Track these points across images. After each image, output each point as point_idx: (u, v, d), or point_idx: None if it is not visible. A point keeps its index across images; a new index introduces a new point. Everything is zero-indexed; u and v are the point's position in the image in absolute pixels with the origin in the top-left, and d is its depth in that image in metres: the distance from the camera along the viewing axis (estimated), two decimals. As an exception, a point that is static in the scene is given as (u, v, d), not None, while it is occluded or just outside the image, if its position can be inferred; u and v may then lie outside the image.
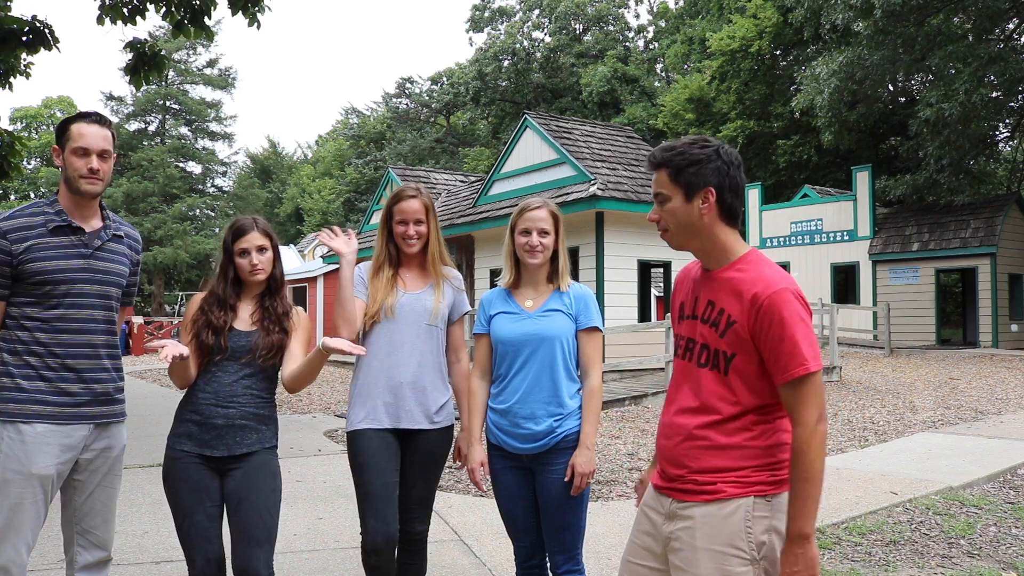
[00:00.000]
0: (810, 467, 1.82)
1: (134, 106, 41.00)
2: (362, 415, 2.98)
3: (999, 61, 18.64)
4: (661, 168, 2.01)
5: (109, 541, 2.73)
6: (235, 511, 2.71)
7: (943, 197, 20.71)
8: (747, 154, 30.11)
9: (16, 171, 8.79)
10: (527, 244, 2.84)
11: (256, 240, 2.82)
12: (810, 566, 1.82)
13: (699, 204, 1.97)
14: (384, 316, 2.99)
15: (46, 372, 2.54)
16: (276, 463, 2.84)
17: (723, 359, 1.94)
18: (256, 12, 7.91)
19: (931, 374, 13.78)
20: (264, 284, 2.89)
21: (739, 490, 1.89)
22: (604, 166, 13.62)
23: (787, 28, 26.27)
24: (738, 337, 1.91)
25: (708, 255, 2.03)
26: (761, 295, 1.88)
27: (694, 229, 1.99)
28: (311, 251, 35.43)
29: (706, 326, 1.99)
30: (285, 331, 2.86)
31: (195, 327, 2.77)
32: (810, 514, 1.83)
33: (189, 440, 2.72)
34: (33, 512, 2.51)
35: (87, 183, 2.59)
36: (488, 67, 41.86)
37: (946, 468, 6.32)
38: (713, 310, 1.97)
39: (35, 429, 2.50)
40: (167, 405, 10.46)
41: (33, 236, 2.54)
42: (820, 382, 1.87)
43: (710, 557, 1.88)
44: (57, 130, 2.66)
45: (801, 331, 1.85)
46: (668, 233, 2.04)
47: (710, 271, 2.04)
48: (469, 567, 4.10)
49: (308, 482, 6.04)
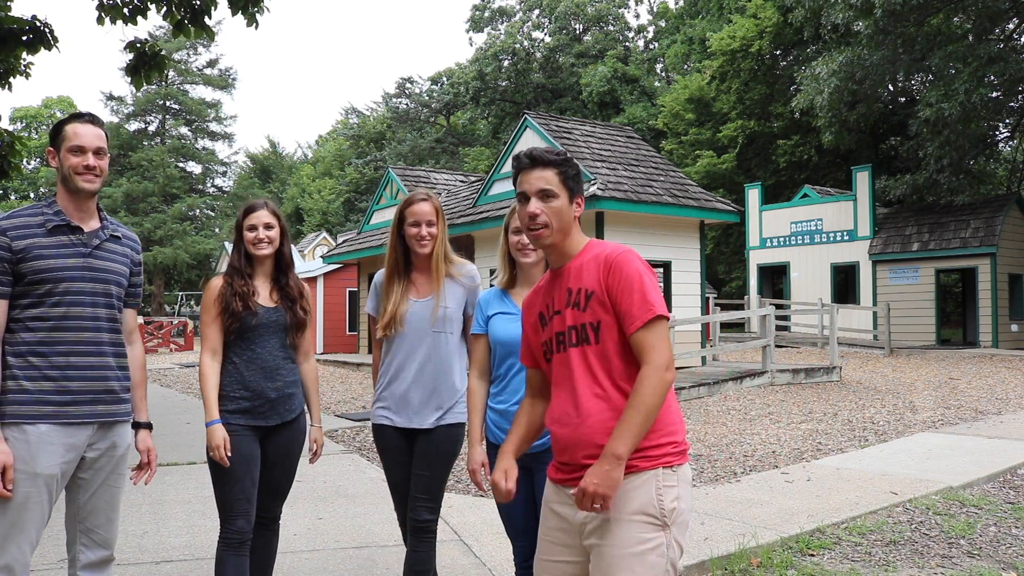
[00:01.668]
0: (643, 400, 1.96)
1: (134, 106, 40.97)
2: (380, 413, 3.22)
3: (999, 61, 18.64)
4: (551, 167, 2.18)
5: (112, 540, 2.74)
6: (270, 471, 3.14)
7: (943, 197, 20.71)
8: (747, 154, 30.13)
9: (16, 171, 8.78)
10: (519, 243, 2.87)
11: (264, 217, 3.11)
12: (610, 486, 1.95)
13: (575, 207, 2.20)
14: (395, 330, 3.14)
15: (50, 371, 2.55)
16: (306, 422, 3.26)
17: (591, 330, 2.09)
18: (255, 12, 7.90)
19: (931, 374, 13.78)
20: (272, 261, 3.16)
21: (648, 463, 2.03)
22: (604, 166, 13.62)
23: (787, 28, 26.28)
24: (599, 303, 2.08)
25: (565, 252, 2.19)
26: (611, 256, 2.10)
27: (568, 228, 2.18)
28: (311, 251, 35.40)
29: (570, 309, 2.14)
30: (306, 309, 3.20)
31: (222, 300, 3.04)
32: (629, 439, 1.96)
33: (243, 415, 3.03)
34: (38, 512, 2.52)
35: (83, 180, 2.62)
36: (488, 67, 41.86)
37: (946, 468, 6.32)
38: (572, 294, 2.14)
39: (39, 430, 2.51)
40: (167, 405, 10.47)
41: (32, 235, 2.56)
42: (667, 329, 2.05)
43: (625, 526, 2.01)
44: (51, 133, 2.71)
45: (648, 283, 2.06)
46: (547, 229, 2.15)
47: (560, 268, 2.20)
48: (469, 567, 4.10)
49: (308, 482, 6.04)
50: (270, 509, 3.20)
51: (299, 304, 3.16)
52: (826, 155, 28.45)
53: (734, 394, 11.31)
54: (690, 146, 31.61)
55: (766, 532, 4.59)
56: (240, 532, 2.99)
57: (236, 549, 2.99)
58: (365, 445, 7.67)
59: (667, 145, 32.87)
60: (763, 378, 12.24)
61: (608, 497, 1.96)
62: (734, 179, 29.55)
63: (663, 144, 33.25)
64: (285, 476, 3.20)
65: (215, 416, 2.97)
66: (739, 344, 14.25)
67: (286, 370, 3.12)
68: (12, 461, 2.46)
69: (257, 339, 3.06)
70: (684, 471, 2.09)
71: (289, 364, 3.15)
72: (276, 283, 3.17)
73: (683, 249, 13.92)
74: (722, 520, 4.87)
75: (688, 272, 13.97)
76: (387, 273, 3.18)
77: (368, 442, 7.76)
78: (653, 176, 14.12)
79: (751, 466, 6.68)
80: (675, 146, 32.45)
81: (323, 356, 19.80)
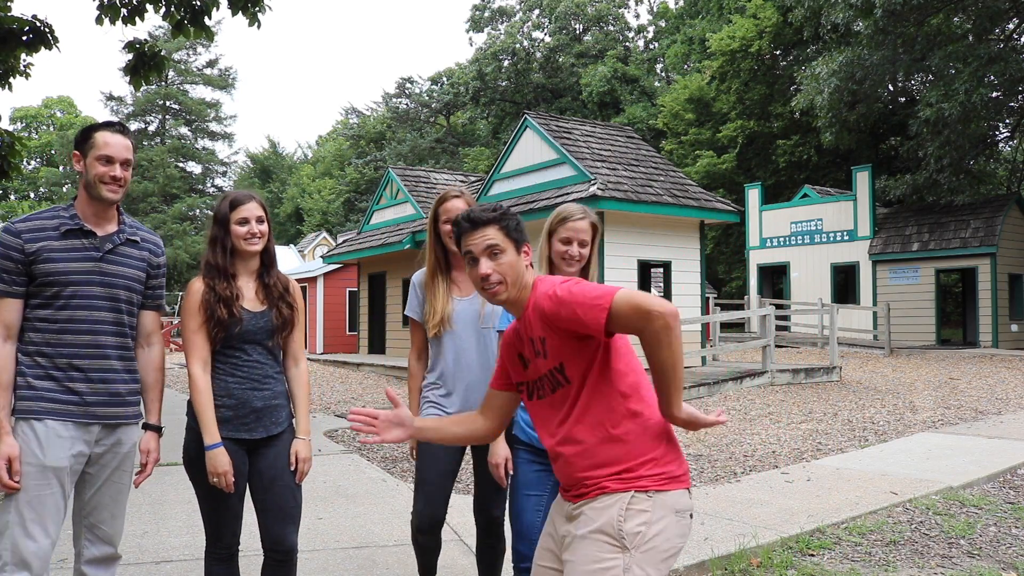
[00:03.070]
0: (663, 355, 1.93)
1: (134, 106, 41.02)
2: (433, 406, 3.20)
3: (999, 61, 18.64)
4: (492, 225, 2.16)
5: (117, 537, 2.78)
6: (268, 489, 2.83)
7: (943, 197, 20.70)
8: (747, 154, 30.13)
9: (16, 171, 8.78)
10: (567, 253, 2.88)
11: (255, 210, 2.86)
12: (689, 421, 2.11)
13: (523, 257, 2.19)
14: (444, 328, 3.16)
15: (54, 372, 2.62)
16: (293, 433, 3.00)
17: (559, 374, 2.10)
18: (256, 12, 7.89)
19: (931, 374, 13.78)
20: (259, 259, 2.92)
21: (620, 485, 2.04)
22: (604, 166, 13.62)
23: (787, 28, 26.28)
24: (557, 348, 2.07)
25: (520, 302, 2.19)
26: (539, 304, 2.08)
27: (521, 280, 2.17)
28: (311, 251, 35.40)
29: (539, 359, 2.14)
30: (291, 306, 2.94)
31: (207, 307, 2.76)
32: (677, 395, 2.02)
33: (224, 424, 2.77)
34: (52, 504, 2.57)
35: (108, 190, 2.67)
36: (488, 67, 41.86)
37: (946, 468, 6.32)
38: (534, 343, 2.14)
39: (46, 425, 2.57)
40: (167, 405, 10.44)
41: (45, 238, 2.63)
42: (630, 293, 1.94)
43: (586, 543, 2.03)
44: (80, 136, 2.73)
45: (574, 290, 2.01)
46: (502, 285, 2.15)
47: (521, 318, 2.20)
48: (469, 567, 4.10)
49: (308, 482, 6.02)
50: (281, 539, 2.81)
51: (284, 300, 2.91)
52: (826, 155, 28.44)
53: (734, 394, 11.31)
54: (690, 146, 31.62)
55: (766, 532, 4.59)
56: (228, 547, 2.85)
57: (226, 563, 2.87)
58: (365, 445, 7.67)
59: (667, 145, 32.87)
60: (763, 378, 12.24)
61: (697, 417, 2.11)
62: (734, 179, 29.56)
63: (663, 144, 33.26)
64: (290, 494, 2.84)
65: (216, 439, 2.71)
66: (739, 344, 14.25)
67: (274, 379, 2.88)
68: (17, 453, 2.52)
69: (242, 345, 2.81)
70: (665, 498, 2.05)
71: (277, 372, 2.91)
72: (261, 281, 2.91)
73: (683, 249, 13.92)
74: (722, 520, 4.87)
75: (688, 272, 13.97)
76: (429, 273, 3.21)
77: (368, 442, 7.75)
78: (653, 176, 14.11)
79: (751, 466, 6.67)
80: (675, 146, 32.45)
81: (323, 356, 19.80)
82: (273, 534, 2.81)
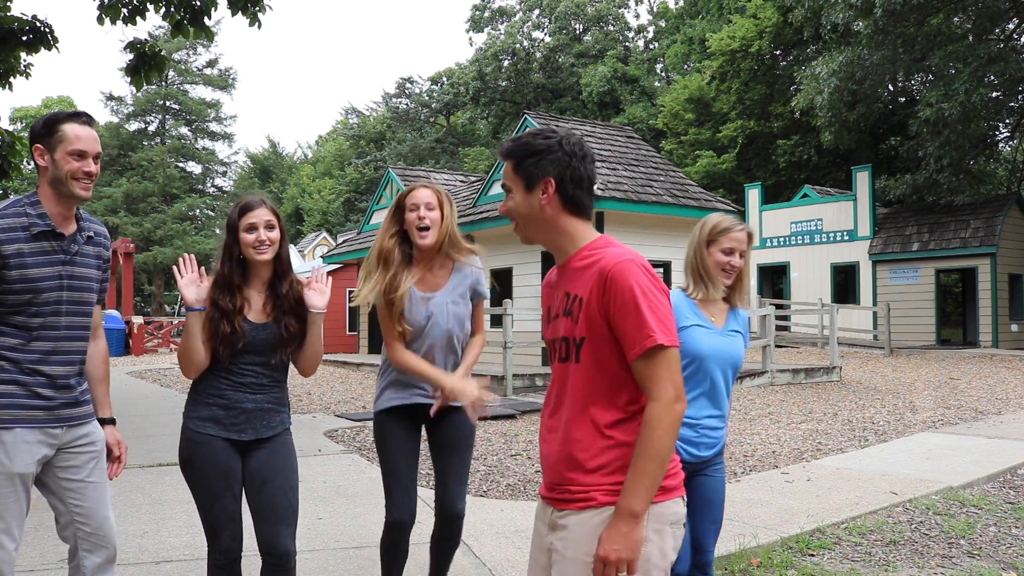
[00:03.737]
0: (657, 444, 1.75)
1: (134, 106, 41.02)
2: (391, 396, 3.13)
3: (999, 61, 18.65)
4: (508, 159, 1.96)
5: (112, 535, 2.72)
6: (260, 491, 2.77)
7: (943, 197, 20.71)
8: (747, 154, 30.12)
9: (16, 171, 8.79)
10: (729, 264, 2.93)
11: (264, 216, 2.73)
12: (631, 548, 1.76)
13: (539, 195, 1.93)
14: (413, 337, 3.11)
15: (21, 377, 2.51)
16: (292, 443, 2.93)
17: (574, 347, 1.89)
18: (256, 12, 7.91)
19: (931, 374, 13.78)
20: (271, 268, 2.79)
21: (610, 498, 1.84)
22: (604, 166, 13.62)
23: (787, 28, 26.28)
24: (589, 319, 1.86)
25: (556, 247, 1.98)
26: (607, 267, 1.84)
27: (537, 221, 1.95)
28: (311, 251, 35.42)
29: (564, 318, 1.93)
30: (302, 319, 2.81)
31: (211, 324, 2.71)
32: (645, 493, 1.76)
33: (215, 424, 2.74)
34: (17, 510, 2.52)
35: (81, 187, 2.54)
36: (488, 67, 41.85)
37: (946, 468, 6.32)
38: (568, 299, 1.92)
39: (14, 434, 2.50)
40: (167, 405, 10.46)
41: (17, 240, 2.48)
42: (675, 358, 1.80)
43: (576, 567, 1.85)
44: (42, 128, 2.54)
45: (649, 302, 1.80)
46: (516, 226, 2.00)
47: (563, 266, 1.99)
48: (469, 567, 4.09)
49: (308, 482, 6.04)
50: (275, 543, 2.73)
51: (294, 313, 2.79)
52: (826, 155, 28.44)
53: (734, 394, 11.31)
54: (690, 146, 31.61)
55: (766, 532, 4.59)
56: (228, 552, 2.76)
57: (228, 569, 2.79)
58: (365, 445, 7.67)
59: (667, 145, 32.87)
60: (763, 378, 12.24)
61: (633, 561, 1.77)
62: (734, 179, 29.55)
63: (663, 144, 33.25)
64: (282, 494, 2.77)
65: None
66: (739, 344, 14.24)
67: (270, 386, 2.81)
68: None
69: (238, 357, 2.73)
70: (660, 510, 1.87)
71: (273, 383, 2.82)
72: (272, 291, 2.78)
73: (683, 249, 13.83)
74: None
75: (688, 272, 13.96)
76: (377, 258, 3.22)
77: (368, 442, 7.75)
78: (653, 176, 14.12)
79: (751, 466, 6.67)
80: (675, 146, 32.45)
81: (323, 356, 19.77)
82: (265, 536, 2.74)
